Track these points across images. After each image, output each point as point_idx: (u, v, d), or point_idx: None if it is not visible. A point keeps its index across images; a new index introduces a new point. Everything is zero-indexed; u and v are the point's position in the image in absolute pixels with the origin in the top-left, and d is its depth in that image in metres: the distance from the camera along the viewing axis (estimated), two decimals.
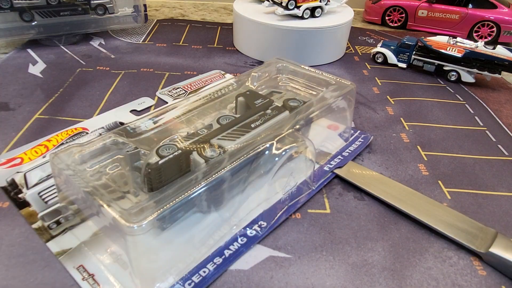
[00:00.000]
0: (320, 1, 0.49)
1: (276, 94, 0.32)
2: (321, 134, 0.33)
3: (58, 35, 0.51)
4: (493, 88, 0.46)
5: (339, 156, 0.32)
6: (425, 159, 0.33)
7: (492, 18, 0.59)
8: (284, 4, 0.48)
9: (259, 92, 0.30)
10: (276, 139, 0.25)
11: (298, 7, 0.48)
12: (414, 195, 0.28)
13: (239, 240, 0.24)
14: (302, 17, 0.49)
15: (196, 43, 0.55)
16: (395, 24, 0.65)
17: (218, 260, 0.23)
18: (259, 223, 0.25)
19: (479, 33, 0.61)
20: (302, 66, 0.35)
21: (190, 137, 0.25)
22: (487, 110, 0.41)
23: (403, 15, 0.64)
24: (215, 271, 0.22)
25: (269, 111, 0.28)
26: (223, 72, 0.46)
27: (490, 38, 0.60)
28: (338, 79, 0.33)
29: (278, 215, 0.26)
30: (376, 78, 0.47)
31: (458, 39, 0.47)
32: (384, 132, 0.36)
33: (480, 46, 0.45)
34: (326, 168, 0.30)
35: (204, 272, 0.22)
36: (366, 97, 0.43)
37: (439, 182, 0.31)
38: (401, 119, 0.39)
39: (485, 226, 0.26)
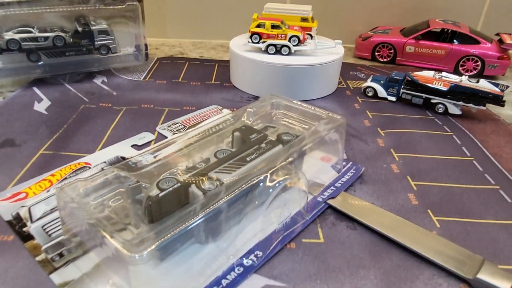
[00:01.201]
0: (289, 41, 0.51)
1: (271, 128, 0.33)
2: (314, 166, 0.34)
3: (63, 74, 0.53)
4: (479, 119, 0.48)
5: (332, 187, 0.33)
6: (415, 188, 0.35)
7: (476, 53, 0.62)
8: (249, 38, 0.52)
9: (254, 127, 0.32)
10: (270, 172, 0.27)
11: (263, 42, 0.51)
12: (405, 224, 0.29)
13: (236, 269, 0.25)
14: (266, 52, 0.52)
15: (194, 79, 0.57)
16: (385, 60, 0.68)
17: None
18: (255, 253, 0.26)
19: (465, 67, 0.63)
20: (295, 101, 0.37)
21: (189, 171, 0.26)
22: (473, 140, 0.43)
23: (392, 51, 0.67)
24: None
25: (263, 145, 0.29)
26: (220, 107, 0.48)
27: (475, 72, 0.63)
28: (329, 114, 0.34)
29: (274, 245, 0.27)
30: (367, 111, 0.49)
31: (443, 73, 0.49)
32: (375, 163, 0.38)
33: (464, 80, 0.48)
34: (319, 199, 0.32)
35: None
36: (358, 129, 0.44)
37: (429, 211, 0.32)
38: (391, 150, 0.40)
39: (472, 253, 0.27)
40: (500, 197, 0.34)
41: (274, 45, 0.52)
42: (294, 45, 0.51)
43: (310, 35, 0.56)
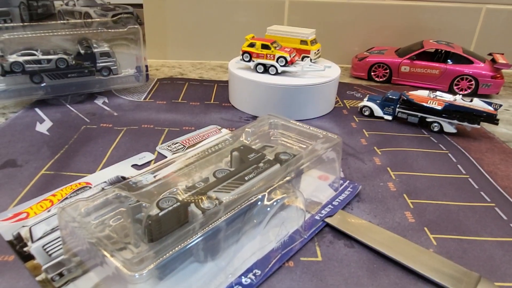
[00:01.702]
0: (277, 61, 0.53)
1: (268, 148, 0.34)
2: (312, 185, 0.35)
3: (64, 95, 0.54)
4: (474, 137, 0.49)
5: (330, 206, 0.34)
6: (411, 206, 0.35)
7: (470, 72, 0.63)
8: (241, 56, 0.55)
9: (252, 147, 0.33)
10: (268, 190, 0.27)
11: (253, 61, 0.54)
12: (402, 242, 0.30)
13: None
14: (256, 70, 0.54)
15: (194, 100, 0.58)
16: (381, 79, 0.69)
17: None
18: (254, 271, 0.26)
19: (459, 86, 0.65)
20: (292, 121, 0.37)
21: (188, 190, 0.27)
22: (469, 158, 0.44)
23: (387, 70, 0.68)
24: None
25: (261, 164, 0.30)
26: (219, 127, 0.48)
27: (469, 91, 0.64)
28: (325, 133, 0.35)
29: (272, 263, 0.27)
30: (363, 130, 0.50)
31: (438, 92, 0.50)
32: (372, 182, 0.38)
33: (458, 99, 0.49)
34: (317, 217, 0.32)
35: None
36: (355, 148, 0.45)
37: (425, 228, 0.32)
38: (388, 168, 0.41)
39: (469, 271, 0.27)
40: (495, 214, 0.34)
41: (263, 65, 0.53)
42: (281, 65, 0.53)
43: (309, 57, 0.57)
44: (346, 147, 0.45)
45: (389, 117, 0.53)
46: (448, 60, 0.65)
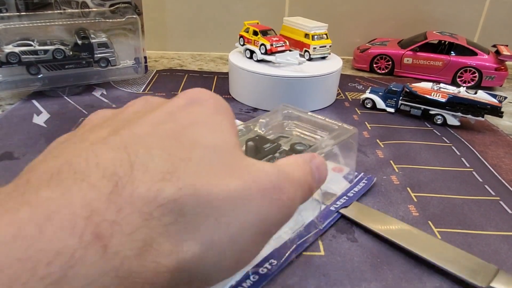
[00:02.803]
0: (259, 48, 0.53)
1: (284, 138, 0.34)
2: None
3: (62, 86, 0.53)
4: (478, 130, 0.48)
5: (345, 197, 0.33)
6: (415, 200, 0.34)
7: (474, 64, 0.62)
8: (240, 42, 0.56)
9: (267, 137, 0.32)
10: None
11: (245, 45, 0.55)
12: (418, 234, 0.29)
13: (251, 277, 0.25)
14: (245, 55, 0.55)
15: None
16: (383, 71, 0.69)
17: None
18: (270, 261, 0.26)
19: (463, 78, 0.64)
20: (307, 112, 0.36)
21: None
22: (473, 151, 0.43)
23: (390, 62, 0.67)
24: None
25: (277, 154, 0.29)
26: None
27: (473, 83, 0.63)
28: (340, 124, 0.34)
29: (288, 253, 0.27)
30: (366, 122, 0.49)
31: (442, 85, 0.50)
32: (375, 175, 0.38)
33: (462, 91, 0.48)
34: (332, 208, 0.32)
35: None
36: (357, 141, 0.44)
37: (429, 222, 0.32)
38: (391, 161, 0.40)
39: (486, 262, 0.26)
40: (500, 208, 0.34)
41: (251, 50, 0.54)
42: (261, 53, 0.53)
43: (307, 51, 0.56)
44: None
45: (392, 110, 0.52)
46: (452, 52, 0.64)
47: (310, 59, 0.55)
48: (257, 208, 0.16)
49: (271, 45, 0.53)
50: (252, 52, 0.54)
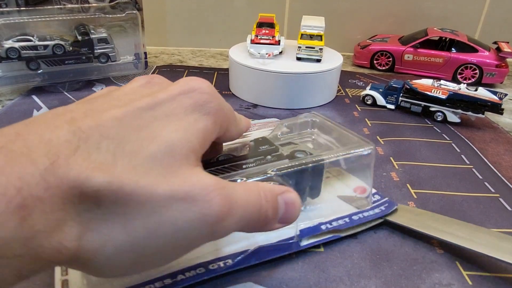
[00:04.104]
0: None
1: (293, 144, 0.32)
2: (338, 193, 0.32)
3: (62, 82, 0.53)
4: (478, 127, 0.48)
5: (346, 219, 0.30)
6: (415, 197, 0.34)
7: (474, 61, 0.62)
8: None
9: (270, 140, 0.30)
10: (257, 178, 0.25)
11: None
12: (466, 226, 0.29)
13: (197, 270, 0.25)
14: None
15: None
16: (383, 68, 0.68)
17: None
18: (226, 260, 0.26)
19: (463, 75, 0.64)
20: (335, 123, 0.33)
21: None
22: (473, 148, 0.43)
23: (390, 59, 0.67)
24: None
25: (269, 157, 0.28)
26: None
27: (473, 80, 0.63)
28: (361, 139, 0.30)
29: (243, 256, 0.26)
30: (366, 119, 0.49)
31: (442, 81, 0.50)
32: (375, 171, 0.38)
33: (463, 88, 0.48)
34: (323, 227, 0.29)
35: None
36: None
37: None
38: (391, 158, 0.40)
39: None
40: (500, 205, 0.34)
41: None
42: (249, 43, 0.54)
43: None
44: None
45: (392, 106, 0.52)
46: (452, 49, 0.64)
47: (298, 59, 0.53)
48: (174, 219, 0.16)
49: (256, 36, 0.53)
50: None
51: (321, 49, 0.52)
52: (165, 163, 0.17)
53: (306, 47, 0.53)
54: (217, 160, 0.28)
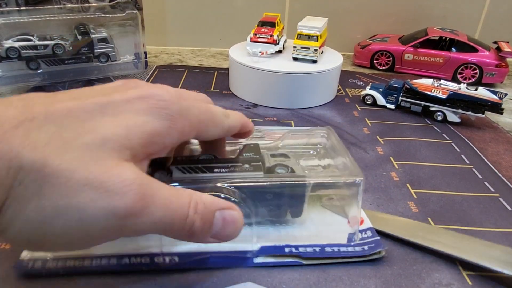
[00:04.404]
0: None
1: (284, 158, 0.30)
2: (325, 220, 0.30)
3: (62, 81, 0.53)
4: (478, 127, 0.48)
5: (318, 248, 0.27)
6: (415, 196, 0.34)
7: (474, 61, 0.62)
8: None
9: (259, 149, 0.29)
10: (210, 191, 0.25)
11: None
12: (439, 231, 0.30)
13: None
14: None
15: (193, 87, 0.57)
16: (383, 67, 0.68)
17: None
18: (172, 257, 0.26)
19: (463, 74, 0.64)
20: (342, 146, 0.30)
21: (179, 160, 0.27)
22: (473, 148, 0.43)
23: (390, 59, 0.67)
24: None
25: (247, 166, 0.27)
26: None
27: (473, 80, 0.63)
28: (355, 168, 0.27)
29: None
30: (366, 119, 0.49)
31: (442, 81, 0.50)
32: (375, 171, 0.38)
33: (463, 87, 0.48)
34: (286, 249, 0.27)
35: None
36: (357, 137, 0.44)
37: (429, 219, 0.32)
38: (391, 158, 0.40)
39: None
40: (500, 205, 0.34)
41: None
42: (249, 42, 0.55)
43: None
44: (348, 136, 0.45)
45: (392, 106, 0.52)
46: (453, 48, 0.64)
47: (295, 59, 0.53)
48: (83, 205, 0.17)
49: (254, 34, 0.54)
50: None
51: (316, 49, 0.52)
52: (94, 154, 0.17)
53: (302, 47, 0.52)
54: (198, 159, 0.27)
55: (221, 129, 0.25)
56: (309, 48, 0.52)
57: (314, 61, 0.52)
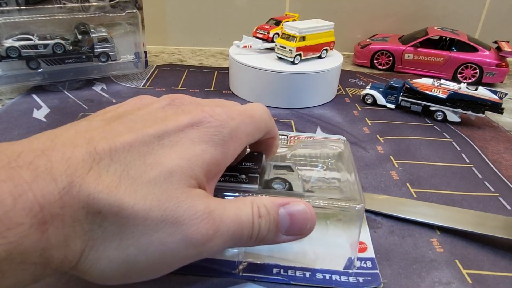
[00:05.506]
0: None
1: (287, 171, 0.28)
2: (322, 243, 0.27)
3: (62, 81, 0.53)
4: (478, 126, 0.48)
5: (307, 273, 0.25)
6: (415, 196, 0.34)
7: (475, 60, 0.62)
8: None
9: (260, 159, 0.27)
10: None
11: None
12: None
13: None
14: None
15: (194, 87, 0.57)
16: (383, 67, 0.68)
17: None
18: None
19: (463, 74, 0.64)
20: (352, 164, 0.28)
21: None
22: (473, 147, 0.43)
23: (391, 58, 0.67)
24: None
25: (243, 176, 0.25)
26: None
27: (474, 79, 0.63)
28: (357, 192, 0.25)
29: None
30: (366, 118, 0.49)
31: (442, 81, 0.50)
32: (375, 171, 0.38)
33: (463, 87, 0.48)
34: (275, 271, 0.25)
35: None
36: (357, 137, 0.44)
37: None
38: (391, 157, 0.40)
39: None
40: (499, 204, 0.34)
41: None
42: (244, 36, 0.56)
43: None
44: (348, 136, 0.45)
45: (392, 106, 0.52)
46: (453, 48, 0.64)
47: (279, 58, 0.53)
48: (163, 240, 0.18)
49: (256, 30, 0.56)
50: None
51: (291, 50, 0.50)
52: (163, 189, 0.18)
53: (281, 46, 0.52)
54: None
55: (264, 132, 0.26)
56: (285, 48, 0.52)
57: (293, 63, 0.51)
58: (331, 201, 0.24)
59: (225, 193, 0.24)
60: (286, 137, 0.32)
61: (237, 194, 0.24)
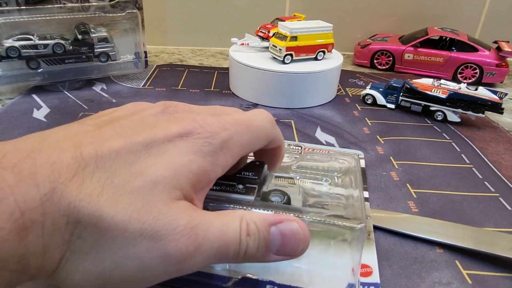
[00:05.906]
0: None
1: (288, 183, 0.27)
2: (330, 262, 0.25)
3: (62, 81, 0.53)
4: (478, 127, 0.48)
5: None
6: (415, 196, 0.34)
7: (475, 60, 0.62)
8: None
9: (260, 169, 0.26)
10: None
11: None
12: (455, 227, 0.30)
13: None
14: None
15: (194, 87, 0.57)
16: (383, 67, 0.68)
17: None
18: None
19: (463, 74, 0.64)
20: (359, 182, 0.26)
21: None
22: (473, 148, 0.43)
23: (391, 58, 0.67)
24: None
25: (240, 186, 0.24)
26: None
27: (474, 79, 0.63)
28: (360, 210, 0.23)
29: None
30: (366, 118, 0.49)
31: (442, 81, 0.50)
32: (375, 171, 0.38)
33: (463, 87, 0.48)
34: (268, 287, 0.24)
35: None
36: (357, 137, 0.44)
37: None
38: (391, 157, 0.40)
39: None
40: (500, 204, 0.34)
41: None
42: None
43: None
44: (348, 136, 0.45)
45: (392, 106, 0.52)
46: (453, 48, 0.64)
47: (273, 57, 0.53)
48: (140, 255, 0.17)
49: (259, 28, 0.57)
50: None
51: (281, 49, 0.50)
52: (145, 200, 0.18)
53: (273, 45, 0.52)
54: None
55: (265, 140, 0.24)
56: (276, 47, 0.52)
57: (284, 62, 0.51)
58: (330, 219, 0.22)
59: (218, 204, 0.22)
60: (300, 148, 0.31)
61: (230, 205, 0.22)
